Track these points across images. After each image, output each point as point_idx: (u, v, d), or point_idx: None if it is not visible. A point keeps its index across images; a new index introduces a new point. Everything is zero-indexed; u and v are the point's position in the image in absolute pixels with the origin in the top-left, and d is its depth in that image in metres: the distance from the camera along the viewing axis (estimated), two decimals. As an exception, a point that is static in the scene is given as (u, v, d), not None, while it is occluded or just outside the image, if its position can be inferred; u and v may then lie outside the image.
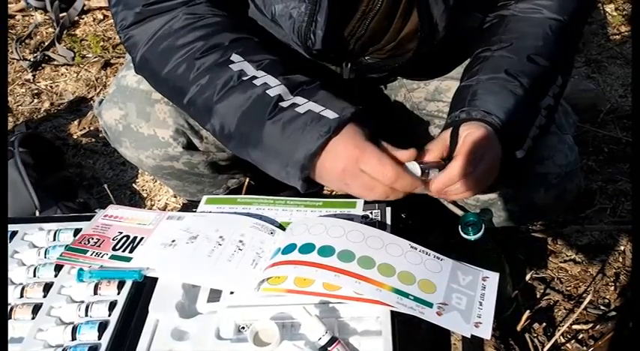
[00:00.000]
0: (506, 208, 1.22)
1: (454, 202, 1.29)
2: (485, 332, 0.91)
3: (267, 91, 0.99)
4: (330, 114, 0.97)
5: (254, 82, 1.00)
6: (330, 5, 1.01)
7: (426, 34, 1.07)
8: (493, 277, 1.00)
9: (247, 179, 1.44)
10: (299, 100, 0.99)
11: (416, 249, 1.01)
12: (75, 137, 2.23)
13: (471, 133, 1.00)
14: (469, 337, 0.90)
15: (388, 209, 1.12)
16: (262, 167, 1.03)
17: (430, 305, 0.92)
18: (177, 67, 1.04)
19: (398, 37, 1.11)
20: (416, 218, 1.58)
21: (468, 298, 0.95)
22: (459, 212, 1.29)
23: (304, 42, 1.07)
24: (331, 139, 0.95)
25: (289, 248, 0.99)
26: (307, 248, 0.98)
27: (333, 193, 1.89)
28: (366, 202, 1.14)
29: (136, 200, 1.96)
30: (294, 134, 0.96)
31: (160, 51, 1.06)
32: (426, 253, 1.01)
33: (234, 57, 1.03)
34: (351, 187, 0.98)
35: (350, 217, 1.10)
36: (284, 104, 0.98)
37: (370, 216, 1.11)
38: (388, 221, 1.10)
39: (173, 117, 1.21)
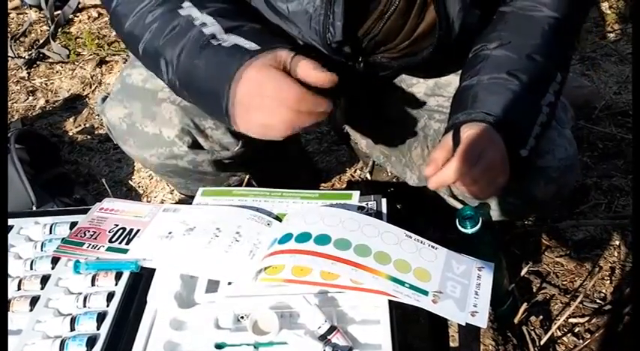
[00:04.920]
0: (506, 202, 1.22)
1: (454, 196, 1.29)
2: (482, 321, 0.91)
3: (202, 30, 1.01)
4: (253, 46, 0.98)
5: (194, 22, 1.03)
6: None
7: (443, 31, 1.07)
8: (488, 267, 1.01)
9: (247, 176, 1.44)
10: (231, 37, 1.01)
11: (411, 238, 1.01)
12: (70, 134, 2.23)
13: (471, 133, 1.00)
14: (464, 325, 0.91)
15: (384, 200, 1.13)
16: (200, 107, 1.08)
17: (425, 293, 0.92)
18: (136, 17, 1.07)
19: (412, 36, 1.11)
20: (412, 211, 1.58)
21: (462, 286, 0.95)
22: (459, 205, 1.30)
23: (323, 36, 1.07)
24: (245, 69, 0.96)
25: (286, 238, 0.99)
26: (303, 237, 0.98)
27: (333, 186, 1.89)
28: (361, 194, 1.14)
29: (132, 197, 1.97)
30: (215, 67, 0.99)
31: (127, 2, 1.09)
32: (421, 242, 1.01)
33: (185, 4, 1.05)
34: (254, 115, 0.97)
35: (346, 209, 1.09)
36: (214, 42, 1.00)
37: (366, 207, 1.11)
38: (384, 211, 1.11)
39: (179, 116, 1.21)
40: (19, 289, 1.07)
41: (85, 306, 1.01)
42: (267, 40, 1.01)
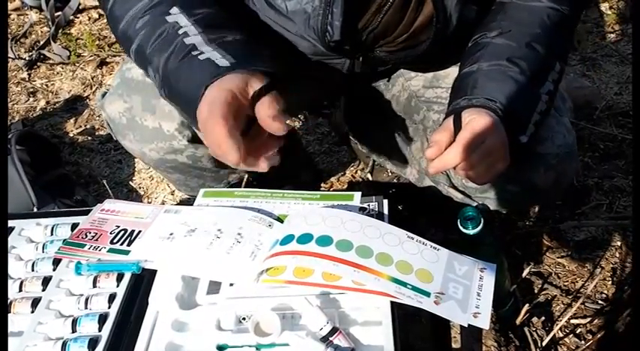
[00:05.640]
0: (506, 189, 1.22)
1: (453, 187, 1.29)
2: (484, 322, 0.91)
3: (184, 40, 1.00)
4: (224, 62, 0.95)
5: (179, 31, 1.01)
6: None
7: (441, 25, 1.08)
8: (490, 268, 1.00)
9: (247, 175, 1.44)
10: (208, 49, 0.98)
11: (413, 239, 1.01)
12: (71, 135, 2.23)
13: (473, 119, 1.00)
14: (466, 326, 0.90)
15: (385, 201, 1.13)
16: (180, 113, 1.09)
17: (428, 294, 0.92)
18: (128, 21, 1.06)
19: (410, 29, 1.12)
20: (414, 211, 1.58)
21: (464, 287, 0.95)
22: (458, 196, 1.30)
23: (322, 35, 1.08)
24: (211, 86, 0.93)
25: (287, 239, 0.99)
26: (305, 238, 0.97)
27: (332, 188, 1.89)
28: (363, 195, 1.14)
29: (132, 198, 1.97)
30: (189, 81, 0.97)
31: (121, 2, 1.08)
32: (423, 243, 1.01)
33: (173, 10, 1.04)
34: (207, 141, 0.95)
35: (347, 210, 1.09)
36: (193, 53, 0.98)
37: (367, 208, 1.11)
38: (385, 213, 1.10)
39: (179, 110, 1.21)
40: (20, 290, 1.06)
41: (86, 307, 1.01)
42: (248, 54, 0.99)
